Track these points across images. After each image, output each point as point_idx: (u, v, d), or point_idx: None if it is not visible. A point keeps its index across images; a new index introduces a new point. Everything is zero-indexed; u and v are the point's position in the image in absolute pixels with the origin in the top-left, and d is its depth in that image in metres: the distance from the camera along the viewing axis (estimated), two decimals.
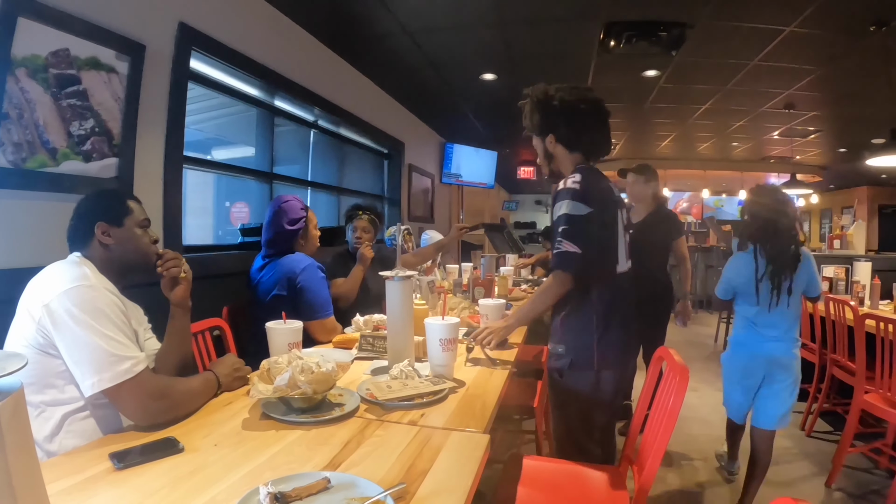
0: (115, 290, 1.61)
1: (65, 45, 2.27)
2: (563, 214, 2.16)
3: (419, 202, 7.42)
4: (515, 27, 4.34)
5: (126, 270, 1.71)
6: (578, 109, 2.44)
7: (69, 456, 1.28)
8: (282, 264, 2.69)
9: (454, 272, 4.33)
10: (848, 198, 13.66)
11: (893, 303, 4.05)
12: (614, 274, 2.24)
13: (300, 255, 2.74)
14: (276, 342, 1.88)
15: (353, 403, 1.57)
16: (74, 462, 1.23)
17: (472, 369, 2.06)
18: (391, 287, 1.93)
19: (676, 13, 4.04)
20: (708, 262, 9.90)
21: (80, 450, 1.32)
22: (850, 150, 8.95)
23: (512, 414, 3.56)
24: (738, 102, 6.48)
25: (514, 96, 2.63)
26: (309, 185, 4.99)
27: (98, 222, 1.65)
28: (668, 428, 1.67)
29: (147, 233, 1.77)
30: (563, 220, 2.15)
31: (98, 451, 1.28)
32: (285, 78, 3.93)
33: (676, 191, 12.99)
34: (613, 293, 2.23)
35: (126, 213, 1.71)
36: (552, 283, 2.20)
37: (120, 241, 1.68)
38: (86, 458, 1.25)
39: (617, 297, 2.24)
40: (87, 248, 1.66)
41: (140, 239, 1.73)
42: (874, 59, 4.58)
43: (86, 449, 1.32)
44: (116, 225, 1.68)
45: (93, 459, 1.24)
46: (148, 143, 2.74)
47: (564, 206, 2.16)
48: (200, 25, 3.05)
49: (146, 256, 1.75)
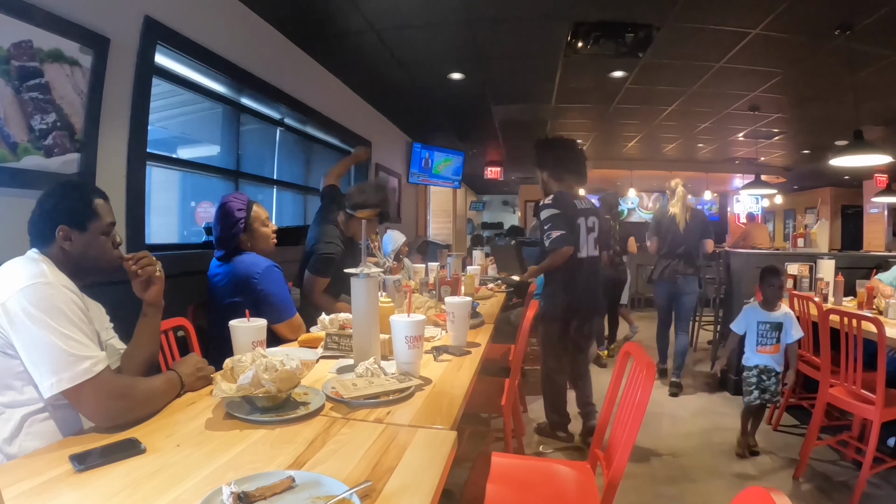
0: (74, 287, 1.56)
1: (28, 37, 2.22)
2: (546, 217, 3.61)
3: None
4: (483, 26, 4.35)
5: (85, 273, 1.66)
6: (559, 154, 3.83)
7: (28, 458, 1.25)
8: (236, 269, 2.66)
9: (421, 271, 4.32)
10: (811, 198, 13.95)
11: (856, 299, 4.14)
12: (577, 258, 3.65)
13: (253, 256, 2.71)
14: (239, 341, 1.85)
15: (318, 402, 1.55)
16: (33, 464, 1.20)
17: (438, 366, 2.06)
18: (356, 284, 1.91)
19: (643, 15, 4.08)
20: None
21: (39, 452, 1.29)
22: (814, 152, 9.13)
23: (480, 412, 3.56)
24: (703, 104, 6.56)
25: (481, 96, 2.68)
26: (275, 184, 4.94)
27: (60, 225, 1.60)
28: (635, 422, 1.68)
29: (111, 237, 1.71)
30: (549, 219, 3.59)
31: (58, 453, 1.25)
32: (252, 75, 3.88)
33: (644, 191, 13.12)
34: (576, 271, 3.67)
35: (91, 217, 1.65)
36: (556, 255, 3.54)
37: (81, 247, 1.63)
38: (45, 461, 1.22)
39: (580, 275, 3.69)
40: (46, 245, 1.61)
41: (103, 245, 1.68)
42: (838, 63, 4.67)
43: (45, 451, 1.29)
44: (79, 229, 1.62)
45: (52, 461, 1.21)
46: (111, 138, 2.68)
47: (547, 212, 3.62)
48: (166, 19, 3.00)
49: (107, 263, 1.71)
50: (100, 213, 1.67)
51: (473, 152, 9.68)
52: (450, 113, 7.31)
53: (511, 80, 5.84)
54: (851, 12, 3.84)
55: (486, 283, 4.76)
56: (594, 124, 8.06)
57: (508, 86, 6.07)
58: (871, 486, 3.09)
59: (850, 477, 3.29)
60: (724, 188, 13.01)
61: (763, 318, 3.59)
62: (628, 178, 11.73)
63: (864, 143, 4.65)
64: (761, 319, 3.59)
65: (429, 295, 3.46)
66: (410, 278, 4.04)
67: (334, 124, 5.51)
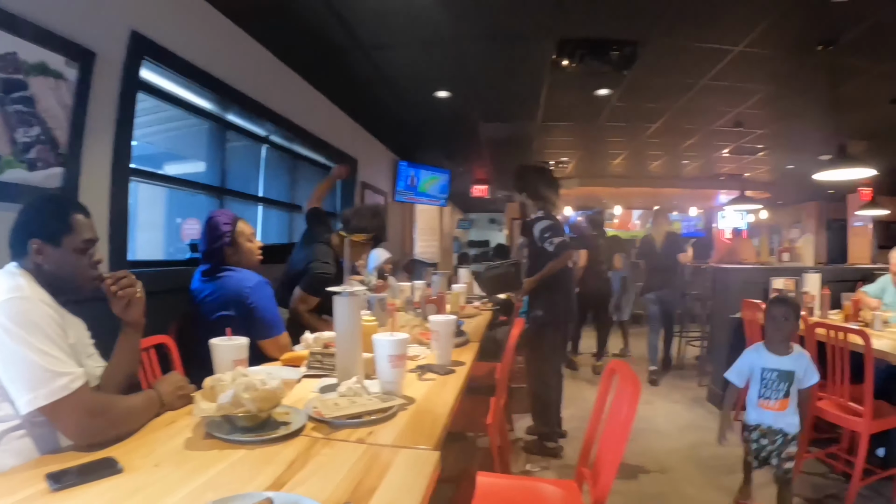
0: (52, 302, 1.54)
1: (12, 49, 2.20)
2: (544, 227, 3.90)
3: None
4: (469, 44, 4.38)
5: (59, 289, 1.61)
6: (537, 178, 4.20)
7: (2, 477, 1.23)
8: (227, 284, 2.63)
9: (406, 290, 4.31)
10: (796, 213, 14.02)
11: (842, 312, 4.16)
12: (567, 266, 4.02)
13: (245, 272, 2.69)
14: (220, 359, 1.83)
15: (299, 422, 1.53)
16: (8, 483, 1.19)
17: (422, 385, 2.04)
18: (339, 302, 1.89)
19: (628, 32, 4.11)
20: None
21: (15, 470, 1.27)
22: (798, 167, 9.20)
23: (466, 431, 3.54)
24: (688, 121, 6.61)
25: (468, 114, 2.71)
26: (260, 202, 4.92)
27: (33, 238, 1.56)
28: (622, 439, 1.67)
29: (88, 255, 1.66)
30: (547, 229, 3.89)
31: (33, 471, 1.23)
32: (238, 91, 3.88)
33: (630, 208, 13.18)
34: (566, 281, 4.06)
35: (66, 232, 1.60)
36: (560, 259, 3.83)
37: (54, 262, 1.59)
38: (20, 479, 1.20)
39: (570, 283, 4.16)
40: (23, 259, 1.58)
41: (76, 262, 1.63)
42: (820, 78, 4.74)
43: (21, 469, 1.27)
44: (52, 244, 1.58)
45: (27, 480, 1.19)
46: (95, 153, 2.66)
47: (543, 224, 3.93)
48: (153, 34, 2.99)
49: (83, 281, 1.66)
50: (75, 229, 1.62)
51: (460, 170, 9.70)
52: (436, 131, 7.33)
53: (497, 97, 5.88)
54: (833, 28, 3.88)
55: (472, 301, 4.75)
56: (580, 142, 8.11)
57: (495, 104, 6.10)
58: (862, 499, 3.08)
59: (840, 489, 3.29)
60: (709, 204, 13.09)
61: (769, 365, 2.81)
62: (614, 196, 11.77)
63: (848, 157, 4.70)
64: (767, 366, 2.81)
65: (414, 313, 3.44)
66: (396, 297, 4.02)
67: (320, 142, 5.49)
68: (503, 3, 3.72)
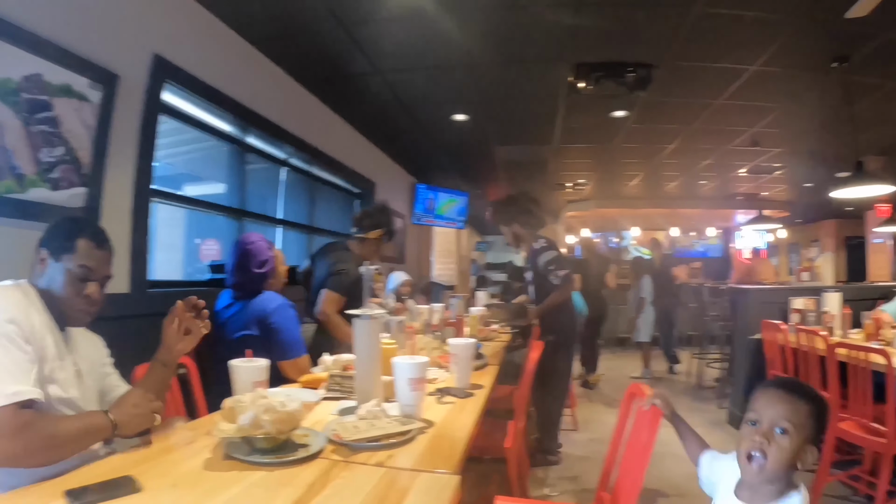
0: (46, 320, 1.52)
1: (38, 70, 2.25)
2: (550, 260, 4.00)
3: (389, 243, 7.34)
4: (486, 68, 4.42)
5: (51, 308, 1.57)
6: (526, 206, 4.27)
7: (21, 492, 1.23)
8: (252, 304, 2.65)
9: (424, 313, 4.31)
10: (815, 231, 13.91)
11: (863, 331, 4.09)
12: None
13: (270, 294, 2.70)
14: (240, 381, 1.84)
15: (318, 444, 1.52)
16: (27, 500, 1.19)
17: (441, 408, 2.03)
18: (359, 326, 1.90)
19: (643, 54, 4.13)
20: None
21: (33, 487, 1.26)
22: (816, 185, 9.13)
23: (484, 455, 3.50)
24: (704, 141, 6.59)
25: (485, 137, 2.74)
26: (279, 224, 4.96)
27: (42, 247, 1.59)
28: (642, 465, 1.65)
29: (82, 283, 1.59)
30: (553, 261, 4.00)
31: (52, 488, 1.22)
32: (258, 114, 3.93)
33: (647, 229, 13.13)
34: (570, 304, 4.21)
35: (67, 250, 1.57)
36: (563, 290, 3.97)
37: (49, 275, 1.57)
38: (39, 496, 1.20)
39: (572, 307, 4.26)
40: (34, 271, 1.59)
41: (67, 285, 1.57)
42: (835, 95, 4.71)
43: (39, 487, 1.25)
44: (53, 257, 1.57)
45: (46, 497, 1.19)
46: (117, 174, 2.71)
47: (548, 255, 4.02)
48: (175, 58, 3.05)
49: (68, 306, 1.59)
50: (77, 252, 1.58)
51: (477, 193, 9.72)
52: (454, 154, 7.37)
53: (514, 120, 5.91)
54: (847, 44, 3.87)
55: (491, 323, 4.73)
56: (596, 164, 8.11)
57: (511, 126, 6.13)
58: None
59: None
60: (726, 224, 13.00)
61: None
62: (630, 217, 11.73)
63: (866, 173, 4.67)
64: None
65: (432, 336, 3.44)
66: (414, 320, 4.02)
67: (339, 165, 5.55)
68: (520, 27, 3.76)
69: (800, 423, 1.28)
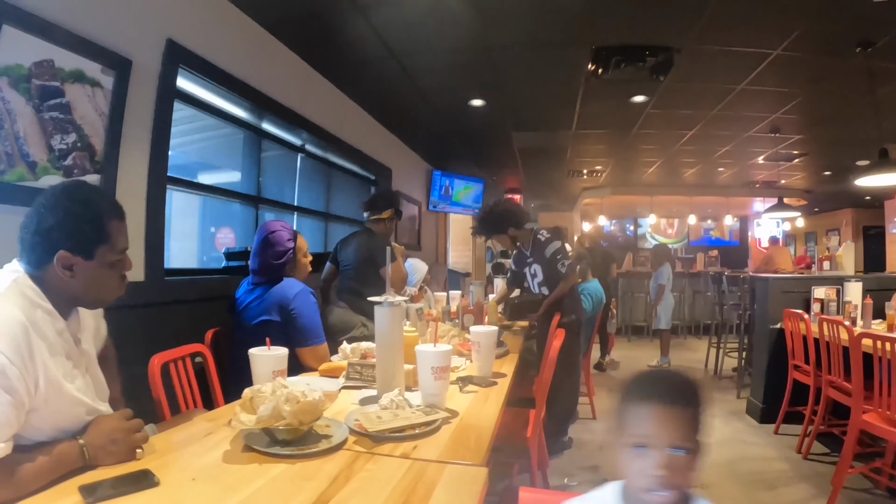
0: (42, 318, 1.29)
1: (49, 56, 2.22)
2: (556, 249, 4.09)
3: (406, 229, 7.36)
4: (504, 52, 4.34)
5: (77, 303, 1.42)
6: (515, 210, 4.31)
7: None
8: (273, 290, 2.61)
9: (442, 300, 4.26)
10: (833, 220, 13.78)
11: (886, 321, 4.01)
12: None
13: (291, 280, 2.66)
14: (259, 370, 1.80)
15: (340, 435, 1.48)
16: (41, 495, 1.15)
17: (464, 398, 1.99)
18: (380, 313, 1.85)
19: (664, 38, 4.04)
20: (695, 288, 9.89)
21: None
22: (836, 173, 9.01)
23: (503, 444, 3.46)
24: (724, 127, 6.50)
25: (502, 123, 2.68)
26: (295, 211, 4.92)
27: (60, 251, 1.31)
28: None
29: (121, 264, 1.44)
30: (558, 251, 4.09)
31: (67, 483, 1.19)
32: (273, 100, 3.89)
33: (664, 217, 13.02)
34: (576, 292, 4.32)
35: (101, 241, 1.36)
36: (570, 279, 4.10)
37: (83, 278, 1.35)
38: (54, 491, 1.17)
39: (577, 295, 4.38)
40: (38, 268, 1.33)
41: (108, 278, 1.40)
42: (859, 81, 4.60)
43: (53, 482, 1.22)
44: (85, 256, 1.34)
45: (61, 492, 1.16)
46: (131, 161, 2.67)
47: (554, 246, 4.10)
48: (189, 43, 3.01)
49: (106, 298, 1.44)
50: (112, 237, 1.39)
51: (493, 179, 9.65)
52: (470, 140, 7.30)
53: (531, 106, 5.83)
54: (871, 29, 3.79)
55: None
56: (614, 150, 8.01)
57: (529, 112, 6.06)
58: None
59: None
60: (744, 212, 12.87)
61: None
62: (648, 204, 11.62)
63: (890, 161, 4.56)
64: None
65: (451, 324, 3.40)
66: (432, 307, 3.97)
67: (355, 151, 5.50)
68: (538, 11, 3.67)
69: (697, 431, 1.01)
